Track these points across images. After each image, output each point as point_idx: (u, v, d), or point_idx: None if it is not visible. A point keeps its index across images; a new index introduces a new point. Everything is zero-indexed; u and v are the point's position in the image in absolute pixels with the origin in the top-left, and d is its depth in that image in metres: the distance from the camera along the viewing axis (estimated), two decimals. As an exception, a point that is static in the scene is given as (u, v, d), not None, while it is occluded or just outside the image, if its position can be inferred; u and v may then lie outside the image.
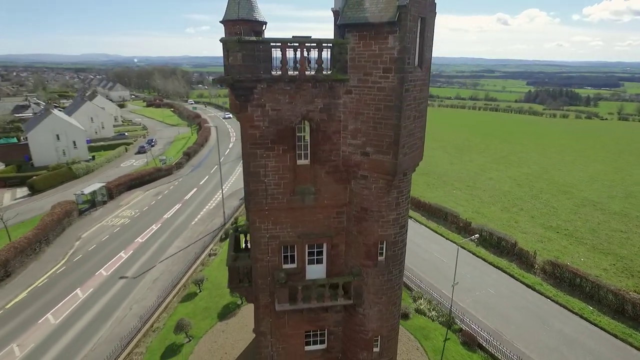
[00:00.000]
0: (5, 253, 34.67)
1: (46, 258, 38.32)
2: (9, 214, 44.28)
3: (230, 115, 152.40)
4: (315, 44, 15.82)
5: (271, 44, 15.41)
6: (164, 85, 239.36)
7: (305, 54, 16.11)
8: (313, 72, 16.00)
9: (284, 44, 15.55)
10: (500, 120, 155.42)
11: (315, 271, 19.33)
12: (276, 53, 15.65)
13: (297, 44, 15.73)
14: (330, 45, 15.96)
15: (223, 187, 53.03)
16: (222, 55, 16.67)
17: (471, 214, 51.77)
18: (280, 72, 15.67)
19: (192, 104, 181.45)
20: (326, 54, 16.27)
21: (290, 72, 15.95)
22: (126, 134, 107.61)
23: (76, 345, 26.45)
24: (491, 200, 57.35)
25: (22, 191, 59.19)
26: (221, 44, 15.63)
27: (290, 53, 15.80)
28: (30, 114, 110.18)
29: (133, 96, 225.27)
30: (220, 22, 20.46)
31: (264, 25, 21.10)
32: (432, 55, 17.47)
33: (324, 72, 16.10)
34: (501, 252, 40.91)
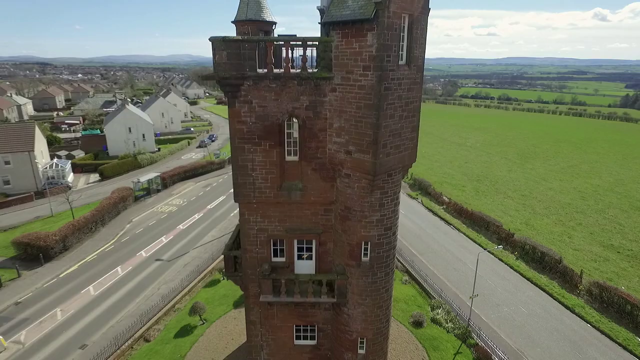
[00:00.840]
0: (65, 230, 39.41)
1: (100, 237, 42.84)
2: (75, 197, 50.02)
3: None
4: (300, 42, 16.09)
5: (260, 42, 16.00)
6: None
7: (291, 52, 16.46)
8: (298, 70, 16.28)
9: (268, 42, 16.04)
10: (581, 126, 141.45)
11: (305, 267, 19.55)
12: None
13: (282, 43, 16.14)
14: (316, 43, 16.14)
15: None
16: None
17: (519, 225, 48.15)
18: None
19: None
20: (311, 52, 16.48)
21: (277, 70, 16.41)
22: (192, 129, 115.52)
23: (106, 316, 29.36)
24: (545, 212, 52.74)
25: (95, 177, 66.49)
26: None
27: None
28: (114, 108, 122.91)
29: (207, 94, 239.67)
30: (232, 22, 21.45)
31: (274, 25, 21.66)
32: (507, 55, 16.86)
33: (310, 70, 16.32)
34: (543, 268, 37.62)
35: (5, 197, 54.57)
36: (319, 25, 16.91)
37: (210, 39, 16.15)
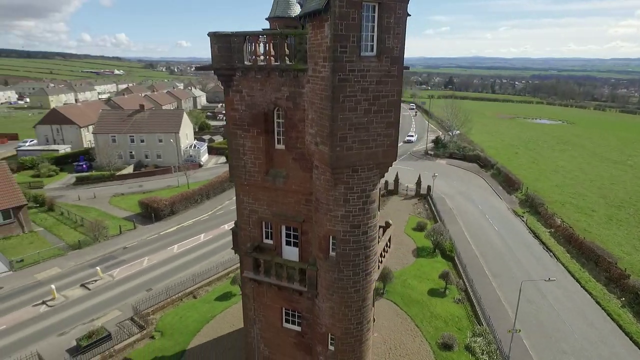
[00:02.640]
0: (175, 198, 48.03)
1: (201, 207, 50.58)
2: (201, 174, 59.72)
3: (414, 107, 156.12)
4: (279, 35, 16.90)
5: (246, 36, 17.44)
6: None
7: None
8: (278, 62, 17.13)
9: (253, 36, 17.32)
10: None
11: (291, 253, 20.29)
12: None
13: (265, 36, 17.21)
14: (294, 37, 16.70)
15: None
16: (456, 55, 19.31)
17: (648, 266, 37.84)
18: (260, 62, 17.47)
19: None
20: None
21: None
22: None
23: (177, 271, 35.11)
24: (701, 258, 39.88)
25: (222, 159, 77.69)
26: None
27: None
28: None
29: None
30: (266, 19, 23.30)
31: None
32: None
33: (288, 62, 17.00)
34: (655, 324, 29.16)
35: (155, 167, 68.75)
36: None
37: (207, 34, 18.29)
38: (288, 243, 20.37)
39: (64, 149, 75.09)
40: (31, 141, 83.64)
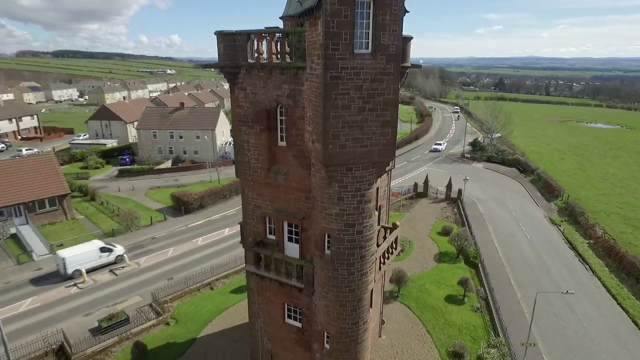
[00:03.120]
0: (204, 193, 49.91)
1: (230, 203, 52.04)
2: (229, 171, 61.46)
3: (458, 110, 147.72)
4: (280, 34, 17.13)
5: (249, 35, 17.83)
6: (423, 85, 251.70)
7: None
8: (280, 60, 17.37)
9: (256, 34, 17.66)
10: None
11: (293, 249, 20.47)
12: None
13: (267, 35, 17.49)
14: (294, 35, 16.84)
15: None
16: (509, 55, 19.57)
17: (700, 287, 34.28)
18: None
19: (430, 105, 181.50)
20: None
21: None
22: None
23: (198, 262, 36.45)
24: None
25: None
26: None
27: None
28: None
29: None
30: (279, 18, 23.64)
31: (314, 20, 22.76)
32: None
33: (289, 60, 17.18)
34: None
35: (192, 163, 71.64)
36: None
37: (214, 33, 18.86)
38: (290, 239, 20.56)
39: (110, 143, 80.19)
40: (84, 135, 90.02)
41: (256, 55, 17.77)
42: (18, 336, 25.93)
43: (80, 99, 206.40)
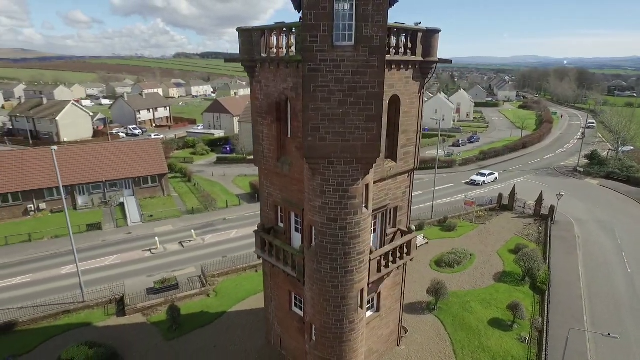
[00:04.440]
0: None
1: (301, 195, 54.12)
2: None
3: (594, 125, 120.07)
4: (286, 29, 17.75)
5: (264, 30, 18.89)
6: (555, 88, 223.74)
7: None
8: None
9: (268, 30, 18.58)
10: None
11: (298, 239, 20.98)
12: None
13: (275, 30, 18.27)
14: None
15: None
16: None
17: None
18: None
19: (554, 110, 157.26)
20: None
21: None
22: (460, 128, 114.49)
23: (232, 250, 38.57)
24: None
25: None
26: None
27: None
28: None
29: (520, 97, 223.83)
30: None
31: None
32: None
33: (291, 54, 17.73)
34: None
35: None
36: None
37: (236, 29, 20.31)
38: (296, 229, 21.11)
39: (218, 133, 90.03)
40: (202, 126, 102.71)
41: (271, 49, 18.70)
42: (97, 283, 31.57)
43: (212, 95, 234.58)
